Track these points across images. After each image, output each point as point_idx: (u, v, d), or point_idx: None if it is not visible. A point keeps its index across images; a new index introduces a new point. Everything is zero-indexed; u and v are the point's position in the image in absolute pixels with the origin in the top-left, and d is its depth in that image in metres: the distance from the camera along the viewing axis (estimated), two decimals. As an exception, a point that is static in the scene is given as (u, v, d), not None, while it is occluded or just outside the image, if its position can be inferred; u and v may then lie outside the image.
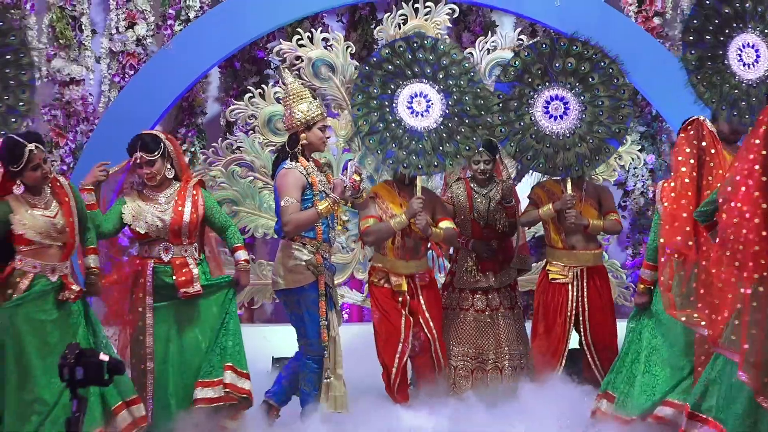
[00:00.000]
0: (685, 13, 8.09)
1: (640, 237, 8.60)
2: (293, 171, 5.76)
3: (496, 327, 6.68)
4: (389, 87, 6.48)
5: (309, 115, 5.83)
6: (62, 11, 8.26)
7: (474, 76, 6.57)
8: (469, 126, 6.47)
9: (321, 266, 5.78)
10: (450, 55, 6.54)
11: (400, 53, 6.53)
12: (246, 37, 8.11)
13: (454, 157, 6.43)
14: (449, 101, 6.50)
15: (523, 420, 5.90)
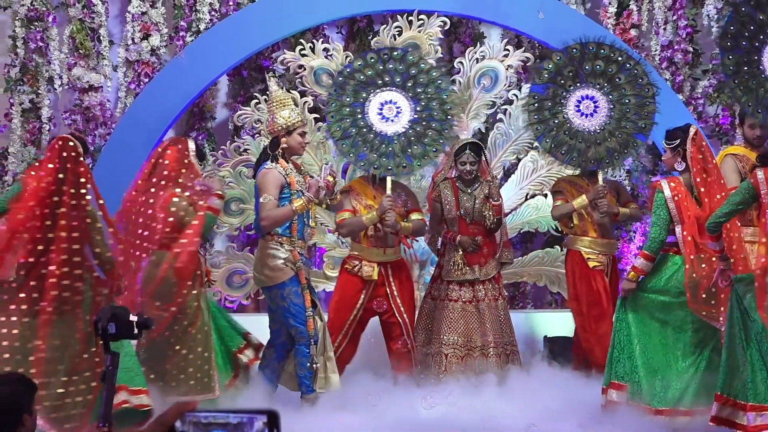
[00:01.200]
0: (660, 25, 8.30)
1: (617, 233, 8.50)
2: (273, 171, 5.97)
3: (482, 317, 6.84)
4: (361, 95, 6.86)
5: (290, 121, 6.06)
6: (82, 23, 8.29)
7: (441, 84, 6.84)
8: (436, 130, 6.76)
9: (299, 262, 5.97)
10: (418, 65, 6.85)
11: (372, 64, 6.90)
12: (252, 47, 8.16)
13: (422, 159, 6.75)
14: (417, 107, 6.84)
15: (511, 403, 6.13)
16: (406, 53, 7.00)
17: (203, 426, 2.65)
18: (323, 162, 7.37)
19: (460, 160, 6.90)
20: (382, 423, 5.76)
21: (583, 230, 7.01)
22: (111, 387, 3.13)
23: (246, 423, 2.61)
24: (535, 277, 8.26)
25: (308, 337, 5.99)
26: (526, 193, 8.22)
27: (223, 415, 2.63)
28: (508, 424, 5.77)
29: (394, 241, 6.85)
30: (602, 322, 6.73)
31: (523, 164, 8.21)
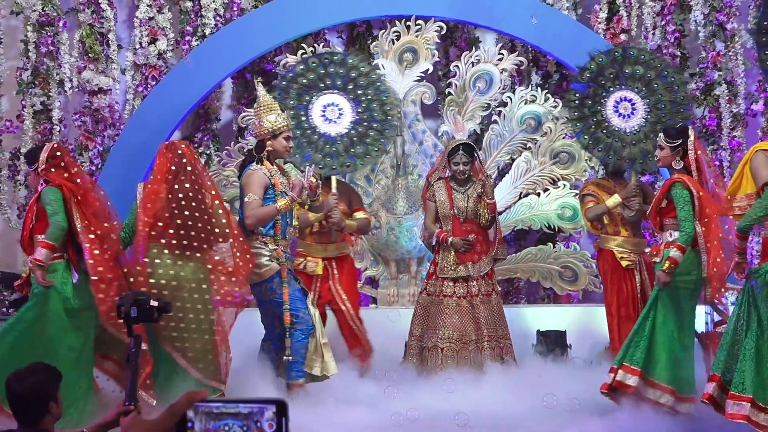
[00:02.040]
0: (649, 30, 8.31)
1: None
2: (257, 172, 5.98)
3: (476, 312, 6.86)
4: (304, 98, 6.98)
5: (276, 125, 6.05)
6: (91, 28, 8.38)
7: (380, 86, 6.95)
8: (377, 130, 6.88)
9: (282, 258, 5.96)
10: (358, 68, 6.94)
11: (314, 68, 7.02)
12: (256, 51, 8.21)
13: (364, 158, 6.86)
14: (359, 108, 6.96)
15: (507, 395, 6.12)
16: (347, 57, 7.10)
17: (214, 416, 2.63)
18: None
19: (453, 160, 6.94)
20: (387, 416, 5.74)
21: (614, 230, 7.08)
22: (135, 368, 3.25)
23: (256, 412, 2.60)
24: (529, 273, 8.32)
25: (306, 323, 6.01)
26: (520, 192, 8.28)
27: (233, 405, 2.62)
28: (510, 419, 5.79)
29: (337, 237, 6.96)
30: (629, 324, 6.63)
31: (516, 164, 8.28)
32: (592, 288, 8.26)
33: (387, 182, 8.25)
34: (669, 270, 5.77)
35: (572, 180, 8.25)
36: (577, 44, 8.11)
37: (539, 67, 8.84)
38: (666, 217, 6.00)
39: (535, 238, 8.69)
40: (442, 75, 8.77)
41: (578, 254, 8.30)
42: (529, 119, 8.26)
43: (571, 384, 6.33)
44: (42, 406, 3.43)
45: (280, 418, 2.61)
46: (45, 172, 5.76)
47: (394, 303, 8.15)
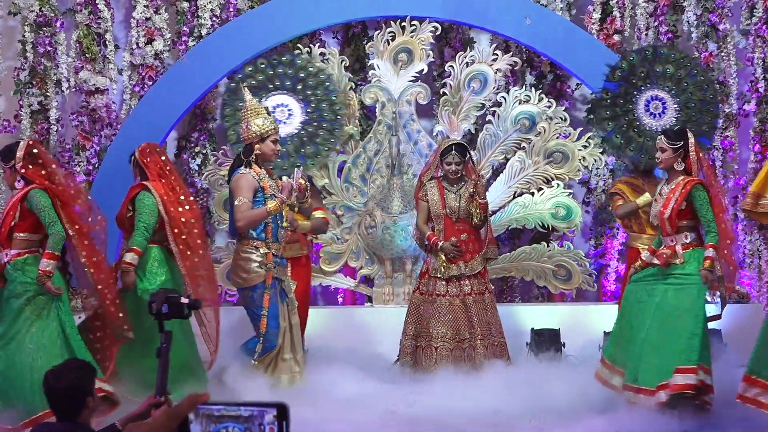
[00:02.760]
0: (642, 31, 8.38)
1: (601, 229, 8.69)
2: (246, 175, 6.03)
3: (469, 310, 6.86)
4: None
5: (263, 129, 6.10)
6: (88, 28, 8.35)
7: (329, 86, 6.90)
8: (327, 129, 6.88)
9: (270, 264, 6.03)
10: (307, 69, 6.92)
11: (262, 69, 7.03)
12: (252, 51, 8.05)
13: (315, 158, 6.87)
14: (308, 109, 6.94)
15: (503, 394, 6.18)
16: (295, 58, 7.08)
17: (215, 418, 2.71)
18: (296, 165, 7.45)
19: (446, 160, 6.95)
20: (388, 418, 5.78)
21: (640, 228, 7.10)
22: (166, 362, 3.36)
23: (257, 416, 2.66)
24: (523, 272, 8.30)
25: (273, 343, 6.09)
26: (514, 192, 8.27)
27: (234, 408, 2.69)
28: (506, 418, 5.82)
29: (291, 238, 6.91)
30: None
31: (511, 164, 8.27)
32: (585, 287, 8.27)
33: (382, 181, 8.26)
34: (711, 268, 5.85)
35: (566, 179, 8.27)
36: (571, 45, 8.23)
37: (533, 67, 8.81)
38: (683, 219, 6.03)
39: (529, 237, 8.68)
40: (436, 75, 8.74)
41: (572, 253, 8.30)
42: (523, 119, 8.25)
43: (566, 382, 6.41)
44: (79, 401, 3.53)
45: (281, 422, 2.67)
46: (22, 169, 5.79)
47: (389, 302, 8.18)
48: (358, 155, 8.29)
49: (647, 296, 6.09)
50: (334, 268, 8.29)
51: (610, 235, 8.75)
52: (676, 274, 5.99)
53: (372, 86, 8.23)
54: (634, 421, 5.67)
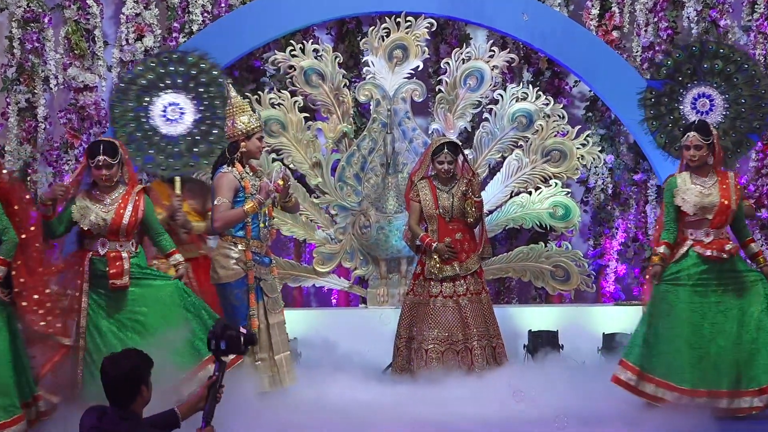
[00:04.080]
0: (641, 27, 8.35)
1: (600, 229, 8.71)
2: (228, 175, 6.05)
3: (464, 311, 6.82)
4: (144, 99, 6.97)
5: (249, 126, 6.13)
6: (77, 25, 8.28)
7: (222, 82, 6.88)
8: (220, 127, 6.78)
9: (250, 262, 6.04)
10: (198, 66, 6.91)
11: (152, 68, 7.00)
12: (244, 48, 8.16)
13: (208, 156, 6.79)
14: (201, 107, 6.89)
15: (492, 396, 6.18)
16: (186, 54, 7.07)
17: None
18: (280, 166, 7.45)
19: (437, 159, 6.91)
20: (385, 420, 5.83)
21: None
22: (215, 392, 3.69)
23: None
24: (520, 273, 8.31)
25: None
26: (511, 191, 8.27)
27: None
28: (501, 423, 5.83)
29: (187, 239, 6.90)
30: None
31: (508, 162, 8.27)
32: (584, 288, 8.28)
33: (376, 180, 8.25)
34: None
35: (564, 178, 8.26)
36: (569, 41, 8.23)
37: (530, 64, 8.76)
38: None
39: (527, 237, 8.66)
40: (432, 72, 8.71)
41: (570, 253, 8.29)
42: (520, 117, 8.24)
43: (564, 385, 6.40)
44: (134, 388, 3.73)
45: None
46: None
47: (384, 303, 8.17)
48: (352, 153, 8.27)
49: (700, 298, 6.07)
50: (328, 269, 8.27)
51: (609, 235, 8.76)
52: (732, 274, 6.03)
53: (366, 83, 8.22)
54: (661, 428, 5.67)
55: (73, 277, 5.92)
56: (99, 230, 5.91)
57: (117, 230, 5.92)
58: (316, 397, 6.19)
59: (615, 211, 8.74)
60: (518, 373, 6.72)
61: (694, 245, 6.09)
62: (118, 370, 3.75)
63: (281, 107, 8.16)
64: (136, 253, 5.98)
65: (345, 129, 8.22)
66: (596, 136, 8.61)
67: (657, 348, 6.05)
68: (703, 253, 6.03)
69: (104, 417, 3.74)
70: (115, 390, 3.74)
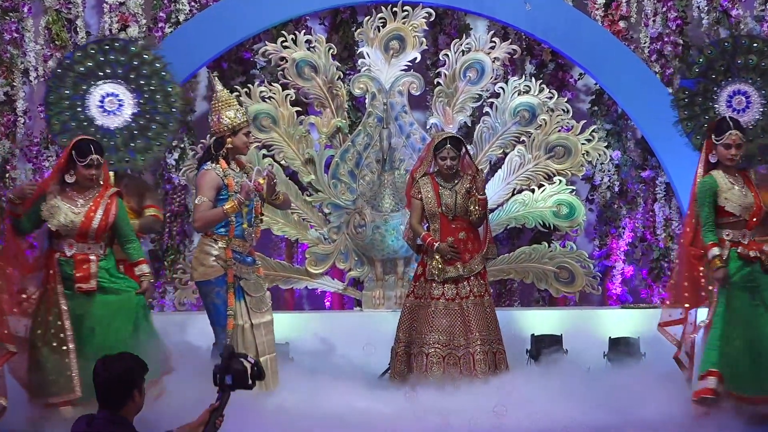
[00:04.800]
0: (649, 17, 8.45)
1: (606, 229, 8.69)
2: (210, 172, 6.03)
3: (466, 314, 6.71)
4: (81, 87, 6.89)
5: (235, 121, 6.08)
6: (58, 14, 8.25)
7: (165, 75, 6.88)
8: (160, 123, 6.82)
9: (230, 260, 6.01)
10: (141, 56, 6.89)
11: (92, 55, 6.93)
12: (233, 38, 8.13)
13: (146, 153, 6.79)
14: (140, 100, 6.85)
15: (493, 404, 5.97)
16: (128, 43, 7.06)
17: None
18: (266, 163, 7.46)
19: (440, 155, 6.80)
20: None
21: None
22: (215, 417, 3.74)
23: None
24: (522, 274, 8.24)
25: (222, 339, 6.04)
26: (513, 188, 8.22)
27: None
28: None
29: None
30: None
31: (509, 159, 8.20)
32: (589, 290, 8.20)
33: (372, 178, 8.16)
34: None
35: (568, 175, 8.20)
36: (574, 32, 8.21)
37: (533, 56, 8.74)
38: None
39: (529, 236, 8.63)
40: (430, 64, 8.65)
41: (575, 254, 8.21)
42: (522, 111, 8.18)
43: (569, 393, 6.29)
44: (126, 392, 3.72)
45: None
46: None
47: (379, 306, 8.11)
48: (346, 150, 8.18)
49: (753, 301, 6.04)
50: (321, 270, 8.21)
51: (615, 234, 8.73)
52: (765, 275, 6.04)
53: (361, 76, 8.16)
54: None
55: (43, 278, 5.92)
56: (67, 231, 5.86)
57: (86, 233, 5.87)
58: (310, 404, 6.05)
59: (622, 210, 8.71)
60: (520, 380, 6.61)
61: (732, 246, 6.04)
62: (111, 371, 3.75)
63: (272, 101, 8.09)
64: (104, 256, 5.95)
65: (339, 124, 8.14)
66: (602, 131, 8.57)
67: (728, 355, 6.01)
68: (746, 255, 6.00)
69: (93, 421, 3.75)
70: (106, 392, 3.74)
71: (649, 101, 8.05)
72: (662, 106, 7.49)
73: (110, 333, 5.81)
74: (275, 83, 8.10)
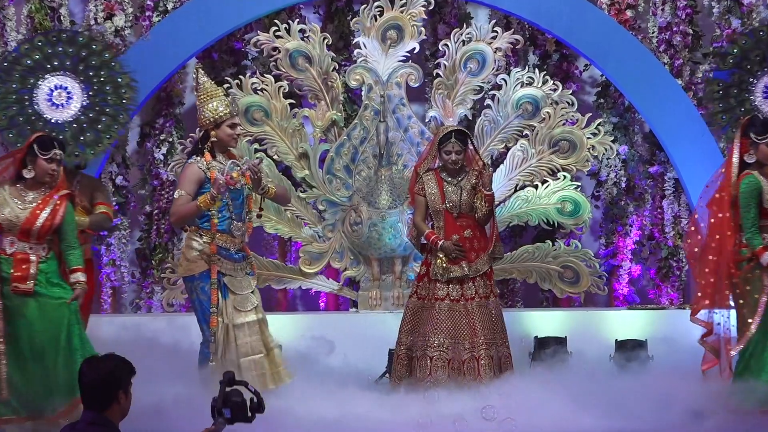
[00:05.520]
0: (657, 5, 8.46)
1: (612, 226, 8.66)
2: (191, 165, 6.03)
3: (472, 316, 6.62)
4: (29, 81, 6.96)
5: (217, 113, 6.05)
6: (41, 2, 8.18)
7: (115, 66, 6.89)
8: (110, 115, 6.83)
9: (214, 255, 5.98)
10: (90, 47, 6.90)
11: (39, 47, 7.00)
12: (223, 28, 8.10)
13: (95, 146, 6.80)
14: (90, 92, 6.87)
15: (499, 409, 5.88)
16: (76, 34, 7.09)
17: None
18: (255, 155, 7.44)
19: (444, 149, 6.69)
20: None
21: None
22: None
23: None
24: (525, 274, 8.20)
25: (208, 337, 6.06)
26: (516, 184, 8.18)
27: None
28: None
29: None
30: None
31: (512, 153, 8.14)
32: (594, 290, 8.15)
33: (368, 173, 8.10)
34: None
35: (573, 171, 8.15)
36: (579, 21, 8.17)
37: (537, 46, 8.72)
38: None
39: (533, 235, 8.58)
40: (429, 55, 8.64)
41: (580, 253, 8.15)
42: (525, 104, 8.12)
43: (573, 398, 6.18)
44: (111, 393, 3.69)
45: None
46: None
47: (376, 307, 8.04)
48: (342, 144, 8.12)
49: None
50: (315, 270, 8.15)
51: (622, 232, 8.69)
52: None
53: (357, 67, 8.11)
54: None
55: None
56: (10, 226, 5.83)
57: (28, 231, 5.83)
58: (304, 410, 5.93)
59: (629, 207, 8.68)
60: (522, 384, 6.47)
61: None
62: (97, 371, 3.73)
63: (264, 93, 8.04)
64: (46, 258, 5.90)
65: (334, 117, 8.09)
66: (608, 124, 8.52)
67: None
68: None
69: (77, 424, 3.74)
70: (91, 392, 3.72)
71: (658, 93, 7.97)
72: (671, 99, 7.46)
73: (37, 339, 5.79)
74: (268, 75, 8.05)
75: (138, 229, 8.47)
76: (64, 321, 5.82)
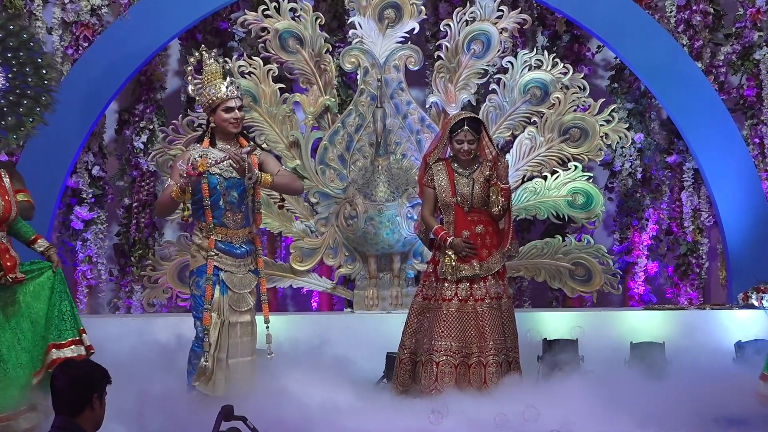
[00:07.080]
0: None
1: (627, 220, 8.61)
2: (185, 154, 6.12)
3: (481, 319, 6.50)
4: None
5: (210, 98, 6.10)
6: None
7: (35, 46, 6.74)
8: (32, 98, 6.68)
9: (211, 251, 6.01)
10: (6, 27, 6.78)
11: None
12: (208, 6, 8.00)
13: (18, 131, 6.63)
14: (9, 74, 6.70)
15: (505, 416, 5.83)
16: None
17: None
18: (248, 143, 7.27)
19: (456, 138, 6.55)
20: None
21: None
22: None
23: None
24: (533, 272, 8.12)
25: (200, 333, 6.04)
26: (523, 175, 8.08)
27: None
28: None
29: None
30: None
31: (519, 141, 8.03)
32: (608, 289, 8.07)
33: (365, 163, 8.01)
34: None
35: (585, 160, 8.03)
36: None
37: (546, 26, 8.64)
38: None
39: (541, 229, 8.50)
40: (430, 36, 8.58)
41: (592, 249, 8.04)
42: (533, 88, 8.01)
43: (586, 404, 6.07)
44: (83, 398, 3.68)
45: None
46: None
47: (373, 307, 7.95)
48: (335, 131, 8.00)
49: None
50: (307, 267, 8.05)
51: (637, 227, 8.63)
52: None
53: (352, 49, 8.01)
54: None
55: None
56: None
57: (7, 219, 5.78)
58: (297, 418, 5.77)
59: (645, 199, 8.62)
60: (530, 390, 6.37)
61: None
62: (69, 375, 3.74)
63: (252, 77, 7.95)
64: (9, 243, 5.90)
65: (327, 103, 7.99)
66: (623, 111, 8.42)
67: None
68: None
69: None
70: (62, 394, 3.72)
71: (676, 77, 7.88)
72: (690, 83, 7.36)
73: (40, 314, 5.80)
74: (256, 57, 7.97)
75: (116, 224, 8.42)
76: (49, 284, 5.83)
